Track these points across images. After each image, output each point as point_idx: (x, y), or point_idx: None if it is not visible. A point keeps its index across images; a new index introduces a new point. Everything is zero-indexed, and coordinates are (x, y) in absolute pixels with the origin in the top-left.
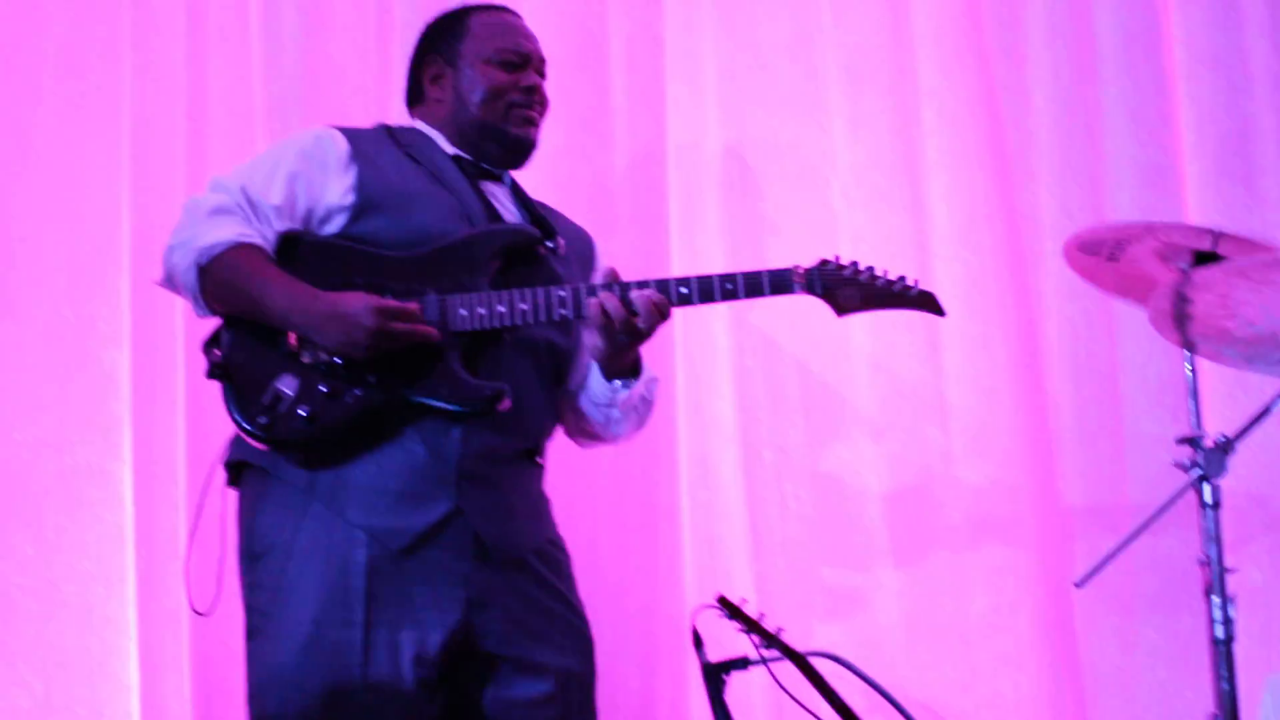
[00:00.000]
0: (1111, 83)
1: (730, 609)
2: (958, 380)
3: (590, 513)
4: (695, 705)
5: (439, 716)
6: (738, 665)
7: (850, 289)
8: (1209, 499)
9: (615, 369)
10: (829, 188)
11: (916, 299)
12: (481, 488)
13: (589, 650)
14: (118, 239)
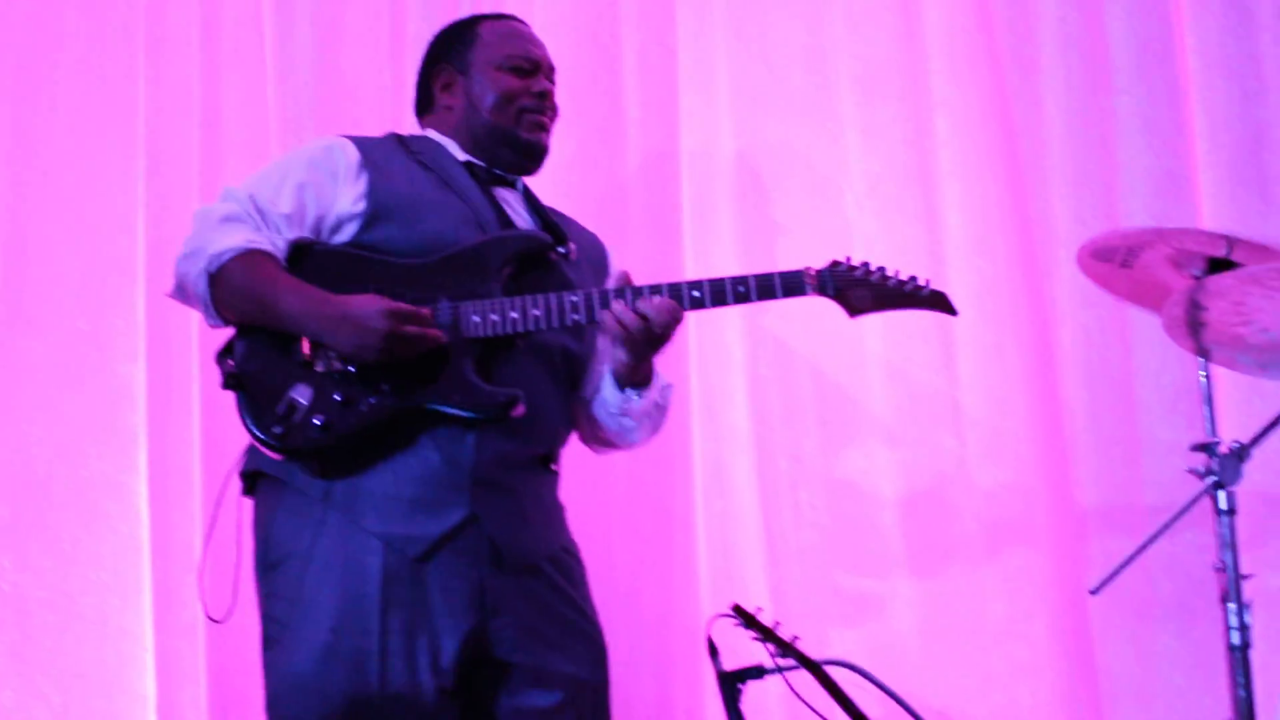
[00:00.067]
0: (1125, 90)
1: (745, 617)
2: (972, 387)
3: (605, 520)
4: (711, 714)
5: None
6: (753, 674)
7: (862, 290)
8: (1224, 505)
9: (630, 379)
10: (842, 196)
11: (928, 299)
12: (496, 494)
13: (602, 658)
14: (133, 252)
